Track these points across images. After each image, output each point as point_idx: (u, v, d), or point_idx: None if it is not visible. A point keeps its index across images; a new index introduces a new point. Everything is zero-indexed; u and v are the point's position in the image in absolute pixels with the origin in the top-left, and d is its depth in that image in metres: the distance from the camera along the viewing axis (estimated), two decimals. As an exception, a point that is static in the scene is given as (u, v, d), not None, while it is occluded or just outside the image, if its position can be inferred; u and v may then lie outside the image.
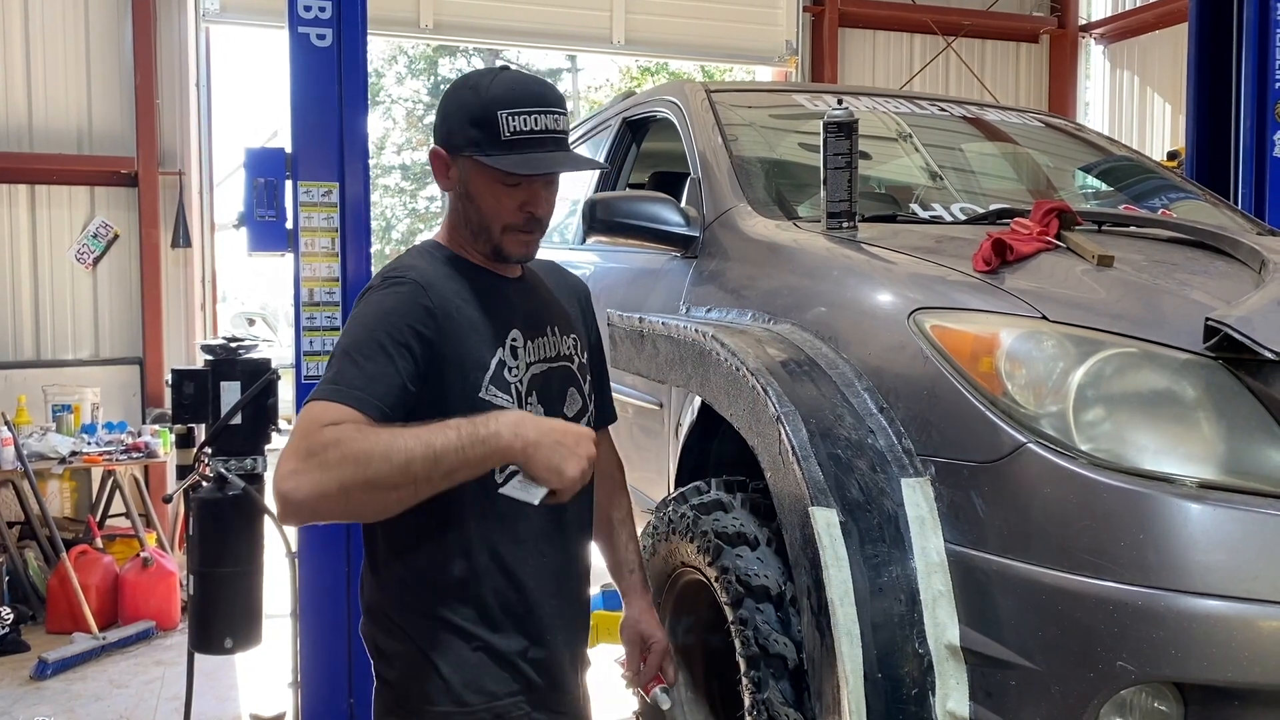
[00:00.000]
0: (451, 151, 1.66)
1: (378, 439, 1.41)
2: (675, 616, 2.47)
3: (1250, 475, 1.61)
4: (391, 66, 21.74)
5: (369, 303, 1.59)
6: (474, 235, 1.69)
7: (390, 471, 1.40)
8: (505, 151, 1.61)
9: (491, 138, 1.61)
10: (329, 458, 1.39)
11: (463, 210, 1.69)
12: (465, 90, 1.66)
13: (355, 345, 1.53)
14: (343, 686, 3.14)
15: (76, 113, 6.27)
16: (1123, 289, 1.91)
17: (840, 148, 2.38)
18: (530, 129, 1.62)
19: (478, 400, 1.59)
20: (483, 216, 1.67)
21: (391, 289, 1.59)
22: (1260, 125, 4.01)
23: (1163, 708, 1.58)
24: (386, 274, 1.64)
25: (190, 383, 3.16)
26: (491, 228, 1.67)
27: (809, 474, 1.80)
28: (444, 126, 1.67)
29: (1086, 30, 8.71)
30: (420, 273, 1.62)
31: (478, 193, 1.66)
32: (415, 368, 1.54)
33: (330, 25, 3.03)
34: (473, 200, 1.66)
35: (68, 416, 5.82)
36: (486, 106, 1.61)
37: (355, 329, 1.56)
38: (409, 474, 1.41)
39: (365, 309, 1.59)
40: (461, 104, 1.65)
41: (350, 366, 1.50)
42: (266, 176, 3.07)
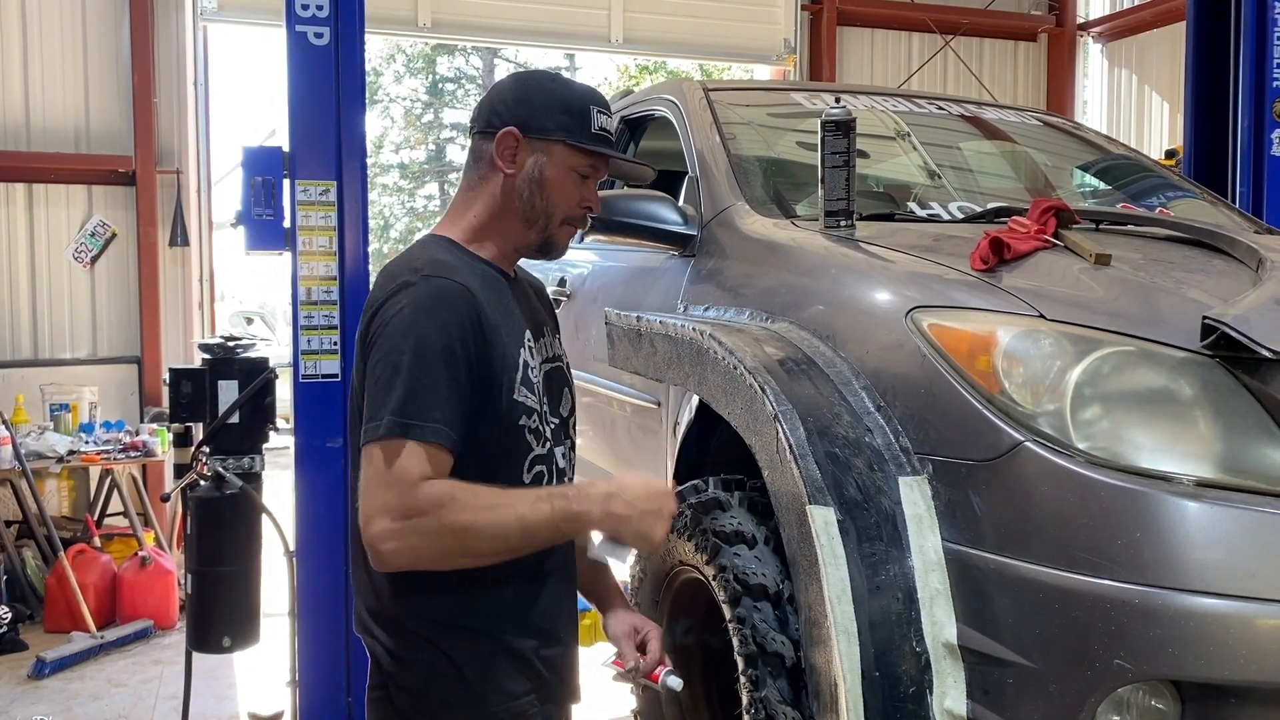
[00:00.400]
0: (532, 134, 1.66)
1: (477, 513, 1.47)
2: (673, 615, 2.47)
3: (1247, 473, 1.61)
4: (390, 65, 21.72)
5: (419, 309, 1.53)
6: (528, 224, 1.69)
7: (488, 545, 1.49)
8: (594, 144, 1.67)
9: (584, 128, 1.66)
10: (428, 526, 1.45)
11: (527, 195, 1.67)
12: (550, 81, 1.72)
13: (424, 368, 1.50)
14: (341, 685, 3.14)
15: (74, 111, 6.26)
16: (1120, 287, 1.91)
17: (838, 146, 2.38)
18: (610, 130, 1.71)
19: (512, 402, 1.60)
20: (550, 204, 1.68)
21: (440, 295, 1.55)
22: (1258, 124, 4.01)
23: (1160, 706, 1.58)
24: (423, 269, 1.58)
25: (188, 381, 3.16)
26: (554, 217, 1.69)
27: (806, 472, 1.80)
28: (522, 109, 1.67)
29: (1085, 29, 8.71)
30: (461, 274, 1.60)
31: (554, 178, 1.67)
32: (472, 381, 1.55)
33: (328, 24, 3.02)
34: (544, 186, 1.67)
35: (65, 415, 5.81)
36: (580, 99, 1.68)
37: (420, 346, 1.51)
38: (505, 547, 1.51)
39: (418, 319, 1.53)
40: (549, 93, 1.68)
41: (422, 392, 1.49)
42: (264, 175, 3.06)
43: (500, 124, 1.67)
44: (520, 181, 1.67)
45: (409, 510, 1.44)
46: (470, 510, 1.46)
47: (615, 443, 3.29)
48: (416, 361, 1.50)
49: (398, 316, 1.54)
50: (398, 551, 1.45)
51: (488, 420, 1.57)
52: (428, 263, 1.60)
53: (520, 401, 1.61)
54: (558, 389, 1.78)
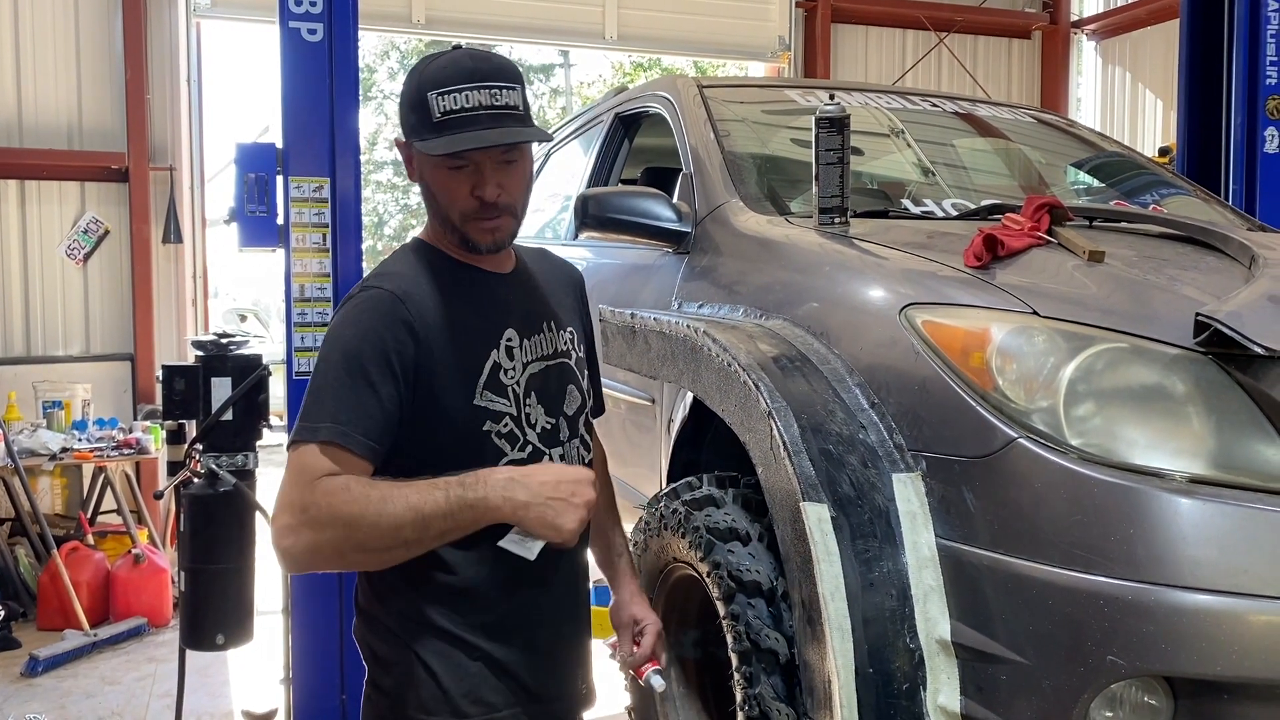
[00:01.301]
0: (407, 141, 1.60)
1: (367, 503, 1.41)
2: (667, 612, 2.47)
3: (1240, 470, 1.62)
4: (383, 62, 21.68)
5: (345, 320, 1.53)
6: (443, 227, 1.62)
7: (380, 536, 1.41)
8: (437, 133, 1.53)
9: (425, 121, 1.54)
10: (320, 517, 1.41)
11: (428, 202, 1.62)
12: (410, 75, 1.60)
13: (334, 374, 1.48)
14: (335, 683, 3.14)
15: (67, 108, 6.24)
16: (1113, 284, 1.91)
17: (832, 143, 2.38)
18: (461, 107, 1.52)
19: (473, 409, 1.54)
20: (439, 206, 1.60)
21: (367, 303, 1.53)
22: (1251, 121, 4.02)
23: (1153, 702, 1.58)
24: (365, 282, 1.58)
25: (181, 379, 3.15)
26: (451, 217, 1.59)
27: (800, 469, 1.80)
28: (400, 116, 1.62)
29: (1078, 26, 8.72)
30: (399, 281, 1.56)
31: (430, 181, 1.59)
32: (399, 390, 1.50)
33: (321, 20, 3.01)
34: (429, 190, 1.60)
35: (58, 413, 5.80)
36: (419, 89, 1.55)
37: (333, 354, 1.50)
38: (399, 538, 1.42)
39: (341, 329, 1.52)
40: (404, 92, 1.59)
41: (331, 400, 1.47)
42: (257, 172, 3.06)
43: None
44: (420, 188, 1.63)
45: (305, 505, 1.41)
46: (360, 501, 1.41)
47: (610, 440, 3.28)
48: (328, 369, 1.49)
49: (329, 329, 1.56)
50: (295, 547, 1.42)
51: (443, 425, 1.52)
52: (375, 274, 1.59)
53: (483, 406, 1.55)
54: (556, 388, 1.68)
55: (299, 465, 1.45)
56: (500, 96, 1.54)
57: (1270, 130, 4.02)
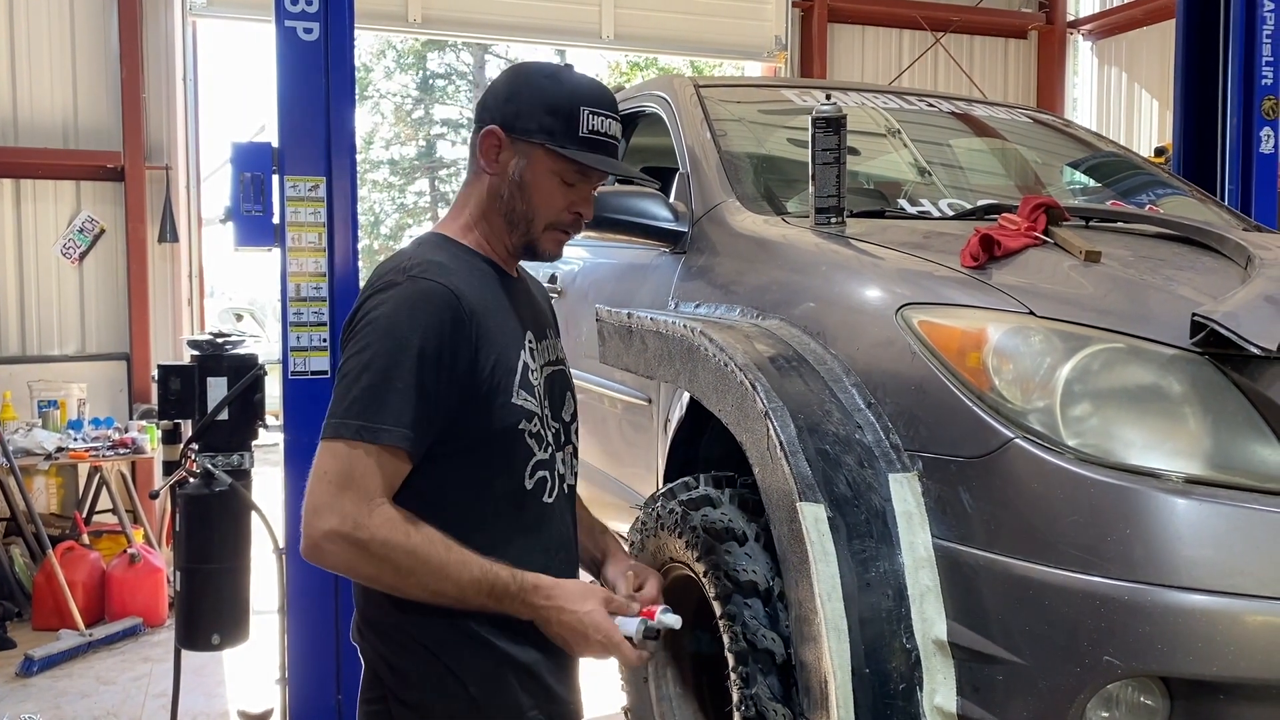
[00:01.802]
0: (515, 134, 1.60)
1: (426, 562, 1.45)
2: (664, 612, 2.47)
3: (1236, 470, 1.62)
4: (380, 61, 21.66)
5: (400, 310, 1.49)
6: (510, 226, 1.64)
7: (417, 592, 1.48)
8: (579, 147, 1.58)
9: (569, 130, 1.58)
10: (372, 550, 1.43)
11: (507, 198, 1.62)
12: (542, 77, 1.62)
13: (396, 370, 1.46)
14: (330, 683, 3.13)
15: (62, 107, 6.23)
16: (1110, 284, 1.91)
17: (828, 143, 2.38)
18: (604, 132, 1.61)
19: (511, 406, 1.56)
20: (531, 208, 1.62)
21: (422, 296, 1.50)
22: (1247, 121, 4.03)
23: (1149, 702, 1.58)
24: (411, 269, 1.53)
25: (177, 378, 3.15)
26: (535, 222, 1.62)
27: (797, 469, 1.80)
28: (509, 107, 1.61)
29: (1075, 26, 8.73)
30: (450, 275, 1.54)
31: (534, 183, 1.61)
32: (454, 390, 1.51)
33: (317, 19, 3.01)
34: (525, 190, 1.61)
35: (54, 412, 5.79)
36: (570, 98, 1.59)
37: (393, 348, 1.47)
38: (430, 598, 1.49)
39: (398, 320, 1.49)
40: (538, 89, 1.60)
41: (396, 398, 1.46)
42: (253, 171, 3.05)
43: (487, 121, 1.62)
44: (501, 183, 1.62)
45: (360, 528, 1.42)
46: (418, 557, 1.45)
47: (607, 440, 3.29)
48: (386, 363, 1.47)
49: (376, 314, 1.50)
50: (336, 558, 1.45)
51: (484, 426, 1.54)
52: (419, 263, 1.55)
53: (520, 405, 1.57)
54: (560, 393, 1.73)
55: (353, 468, 1.44)
56: (617, 130, 1.65)
57: (1266, 130, 4.02)
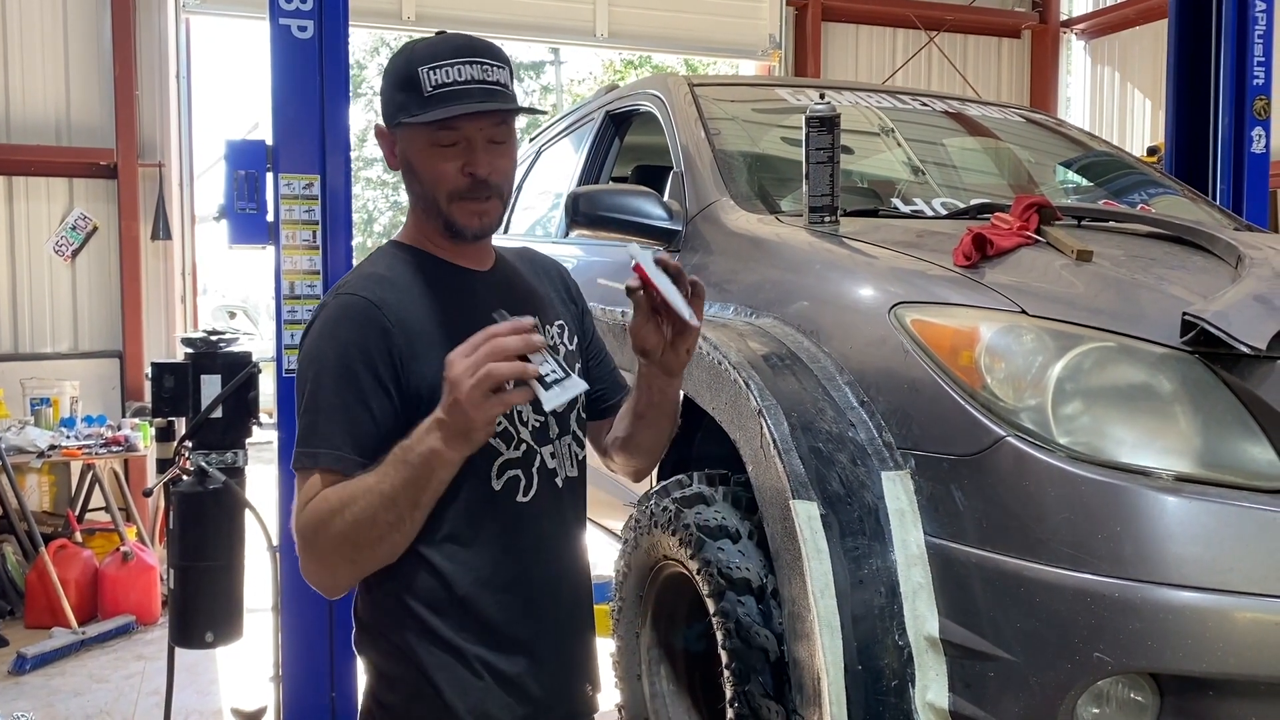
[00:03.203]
0: (391, 126, 1.57)
1: (342, 509, 1.40)
2: (657, 610, 2.47)
3: (1226, 468, 1.63)
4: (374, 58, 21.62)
5: (322, 334, 1.49)
6: (426, 214, 1.57)
7: (369, 531, 1.40)
8: (428, 108, 1.50)
9: (416, 97, 1.51)
10: (319, 541, 1.42)
11: (410, 188, 1.58)
12: (394, 60, 1.57)
13: (323, 394, 1.45)
14: (324, 680, 3.13)
15: (55, 103, 6.21)
16: (1101, 284, 1.92)
17: (822, 142, 2.38)
18: (454, 80, 1.50)
19: None
20: (425, 186, 1.55)
21: (341, 313, 1.49)
22: (1239, 121, 4.04)
23: (1139, 698, 1.59)
24: (337, 288, 1.54)
25: (170, 376, 3.14)
26: (438, 198, 1.54)
27: (790, 467, 1.81)
28: (381, 101, 1.59)
29: (1068, 26, 8.75)
30: (373, 285, 1.51)
31: (416, 160, 1.55)
32: (390, 400, 1.47)
33: (311, 17, 3.00)
34: (414, 171, 1.56)
35: (46, 410, 5.78)
36: (408, 65, 1.53)
37: (318, 373, 1.47)
38: (382, 525, 1.39)
39: (320, 344, 1.48)
40: (390, 73, 1.56)
41: (325, 422, 1.44)
42: (247, 169, 3.04)
43: None
44: (405, 176, 1.58)
45: (302, 534, 1.44)
46: (337, 511, 1.40)
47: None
48: (316, 388, 1.46)
49: (306, 341, 1.51)
50: (318, 582, 1.46)
51: None
52: (351, 279, 1.55)
53: None
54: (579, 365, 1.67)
55: (301, 495, 1.45)
56: (492, 73, 1.53)
57: (1257, 130, 4.04)
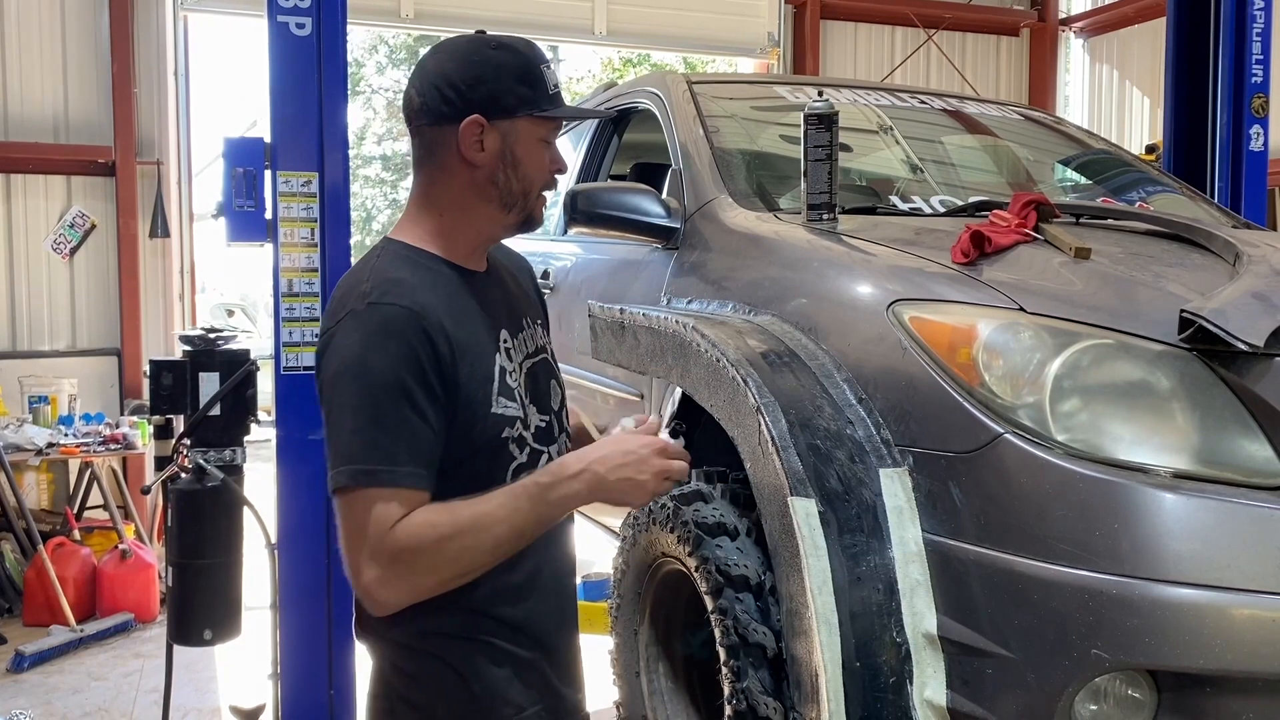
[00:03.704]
0: (496, 115, 1.52)
1: (463, 536, 1.41)
2: (655, 607, 2.48)
3: (1223, 465, 1.63)
4: (372, 56, 21.62)
5: (368, 346, 1.43)
6: (505, 209, 1.57)
7: (484, 559, 1.44)
8: (556, 104, 1.56)
9: (544, 93, 1.54)
10: (418, 564, 1.40)
11: (502, 182, 1.55)
12: (492, 51, 1.55)
13: (382, 408, 1.41)
14: (323, 678, 3.13)
15: (53, 101, 6.20)
16: (1099, 281, 1.92)
17: (821, 140, 2.38)
18: (559, 84, 1.60)
19: (493, 417, 1.51)
20: (527, 180, 1.57)
21: (386, 324, 1.44)
22: (1237, 119, 4.04)
23: (1136, 695, 1.60)
24: (370, 293, 1.47)
25: (169, 374, 3.14)
26: (531, 191, 1.58)
27: (788, 464, 1.81)
28: (480, 90, 1.52)
29: (1066, 24, 8.75)
30: (410, 292, 1.47)
31: (524, 154, 1.55)
32: (442, 411, 1.46)
33: (310, 14, 3.00)
34: (517, 165, 1.55)
35: (44, 408, 5.77)
36: (530, 63, 1.55)
37: (370, 385, 1.42)
38: (499, 554, 1.45)
39: (368, 356, 1.43)
40: (499, 65, 1.53)
41: (388, 438, 1.41)
42: (245, 166, 3.04)
43: (458, 114, 1.52)
44: (492, 169, 1.55)
45: (394, 554, 1.39)
46: (454, 535, 1.40)
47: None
48: (370, 403, 1.42)
49: (348, 354, 1.44)
50: (395, 595, 1.42)
51: (469, 441, 1.50)
52: (378, 284, 1.48)
53: (500, 414, 1.53)
54: (544, 384, 1.67)
55: (368, 514, 1.39)
56: None
57: (1256, 128, 4.04)
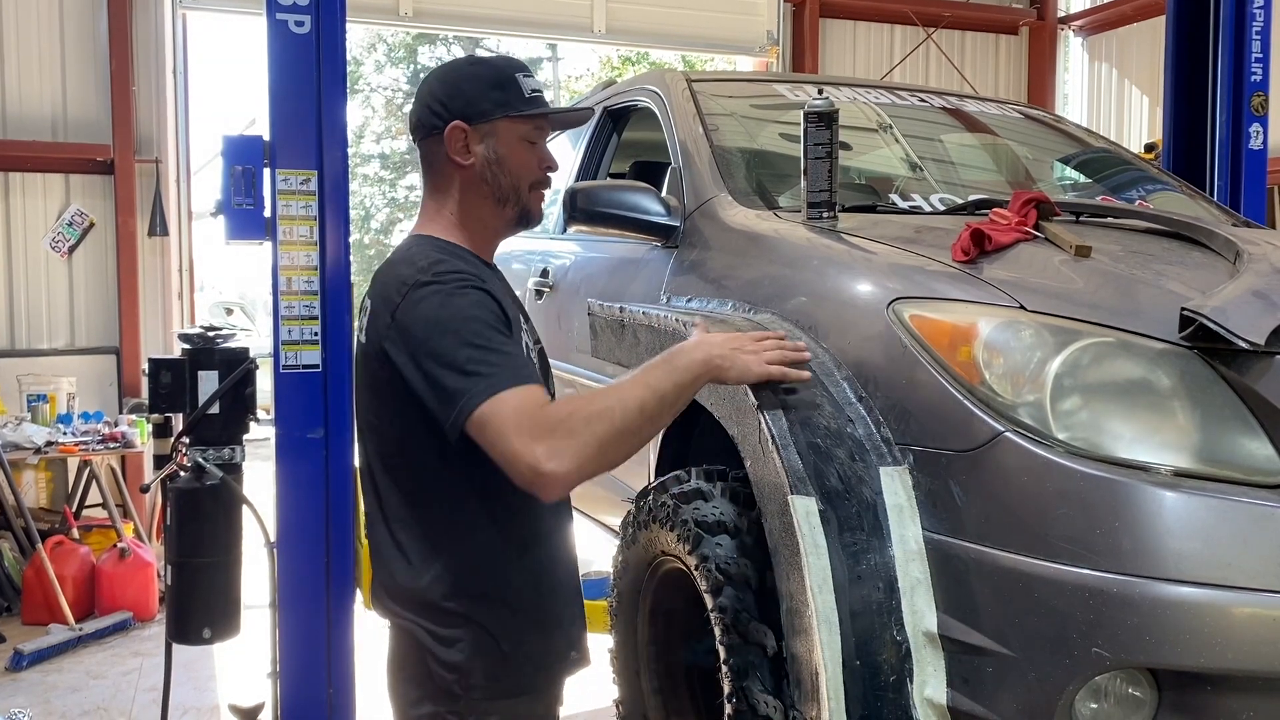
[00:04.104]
0: (476, 120, 1.73)
1: (605, 396, 1.56)
2: (655, 604, 2.47)
3: (1224, 464, 1.63)
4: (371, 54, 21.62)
5: (447, 300, 1.60)
6: (500, 205, 1.77)
7: (634, 420, 1.56)
8: (532, 107, 1.75)
9: (517, 96, 1.74)
10: (574, 425, 1.51)
11: (491, 179, 1.75)
12: (469, 67, 1.81)
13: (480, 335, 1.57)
14: (322, 677, 3.13)
15: (51, 99, 6.20)
16: (1100, 279, 1.92)
17: (821, 138, 2.38)
18: (540, 89, 1.78)
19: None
20: (513, 177, 1.76)
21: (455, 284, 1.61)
22: (1236, 118, 4.04)
23: (1137, 693, 1.59)
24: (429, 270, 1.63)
25: (167, 372, 3.13)
26: (520, 187, 1.77)
27: (788, 463, 1.81)
28: (458, 100, 1.73)
29: (1065, 22, 8.75)
30: (464, 268, 1.66)
31: (507, 153, 1.75)
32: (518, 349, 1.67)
33: (309, 12, 2.99)
34: (502, 163, 1.75)
35: (43, 406, 5.77)
36: (505, 71, 1.76)
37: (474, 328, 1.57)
38: (645, 414, 1.57)
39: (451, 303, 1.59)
40: (475, 76, 1.76)
41: (495, 355, 1.56)
42: (244, 164, 3.03)
43: (443, 123, 1.73)
44: (480, 168, 1.75)
45: (553, 425, 1.50)
46: (601, 397, 1.56)
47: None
48: (474, 337, 1.56)
49: (431, 313, 1.59)
50: (563, 463, 1.49)
51: None
52: (430, 264, 1.65)
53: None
54: (546, 372, 1.87)
55: (517, 408, 1.51)
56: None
57: (1255, 126, 4.03)
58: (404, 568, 1.71)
